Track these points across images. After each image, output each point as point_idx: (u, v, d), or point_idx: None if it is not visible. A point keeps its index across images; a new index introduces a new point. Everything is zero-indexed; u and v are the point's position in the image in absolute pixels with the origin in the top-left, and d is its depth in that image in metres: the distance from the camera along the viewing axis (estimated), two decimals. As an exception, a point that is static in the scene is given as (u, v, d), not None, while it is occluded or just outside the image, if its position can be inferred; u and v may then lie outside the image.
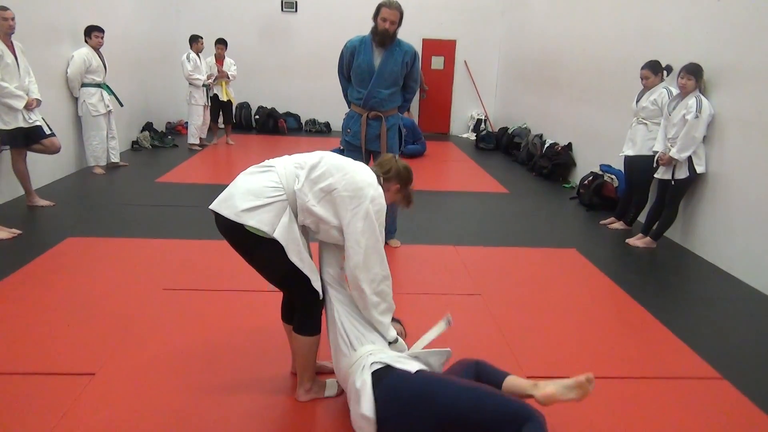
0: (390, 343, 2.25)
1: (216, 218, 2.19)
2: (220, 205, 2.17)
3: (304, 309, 2.28)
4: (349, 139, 4.24)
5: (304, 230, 2.25)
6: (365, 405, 1.96)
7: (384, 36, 3.97)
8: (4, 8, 4.57)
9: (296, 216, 2.17)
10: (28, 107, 4.74)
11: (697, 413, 2.44)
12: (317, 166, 2.20)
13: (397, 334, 2.32)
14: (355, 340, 2.19)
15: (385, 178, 2.36)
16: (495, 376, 2.15)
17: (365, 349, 2.15)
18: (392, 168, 2.40)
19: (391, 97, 4.13)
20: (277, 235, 2.10)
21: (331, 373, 2.49)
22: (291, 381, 2.51)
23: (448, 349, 2.26)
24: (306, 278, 2.18)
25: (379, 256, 2.20)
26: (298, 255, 2.15)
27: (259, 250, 2.17)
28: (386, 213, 2.27)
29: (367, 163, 4.27)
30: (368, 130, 4.14)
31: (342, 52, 4.24)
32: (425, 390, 1.93)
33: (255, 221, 2.09)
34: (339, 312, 2.25)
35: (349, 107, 4.30)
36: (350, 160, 2.31)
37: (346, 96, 4.35)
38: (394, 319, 2.35)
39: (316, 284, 2.21)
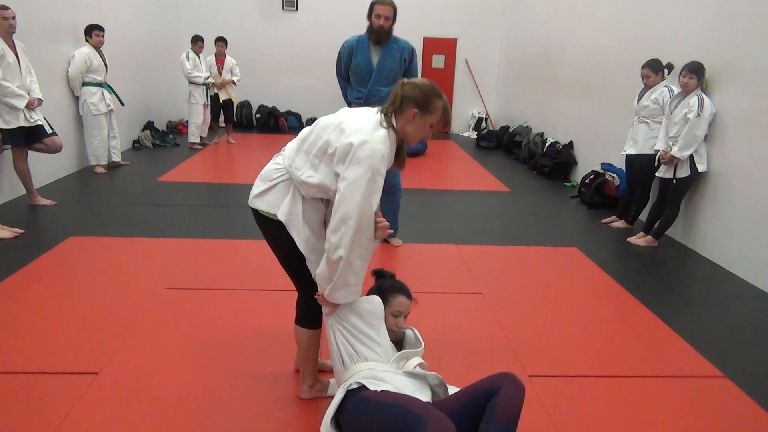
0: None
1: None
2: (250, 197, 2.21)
3: (304, 299, 2.26)
4: None
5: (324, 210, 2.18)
6: (323, 424, 1.95)
7: (379, 33, 3.98)
8: (5, 7, 4.57)
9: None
10: (30, 106, 4.75)
11: (699, 412, 2.44)
12: (311, 133, 2.11)
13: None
14: (347, 357, 2.10)
15: (394, 112, 2.06)
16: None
17: (356, 368, 2.05)
18: (397, 95, 2.06)
19: (390, 95, 4.12)
20: (280, 213, 2.09)
21: (332, 371, 2.49)
22: (294, 379, 2.52)
23: (434, 373, 2.09)
24: (302, 267, 2.15)
25: (356, 222, 1.93)
26: (297, 231, 2.10)
27: (272, 233, 2.17)
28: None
29: None
30: None
31: (339, 52, 4.24)
32: (377, 411, 1.84)
33: (264, 204, 2.13)
34: (333, 328, 2.15)
35: (350, 107, 4.29)
36: (351, 109, 2.18)
37: (345, 96, 4.35)
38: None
39: (310, 265, 2.13)
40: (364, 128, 1.99)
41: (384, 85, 4.07)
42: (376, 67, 4.04)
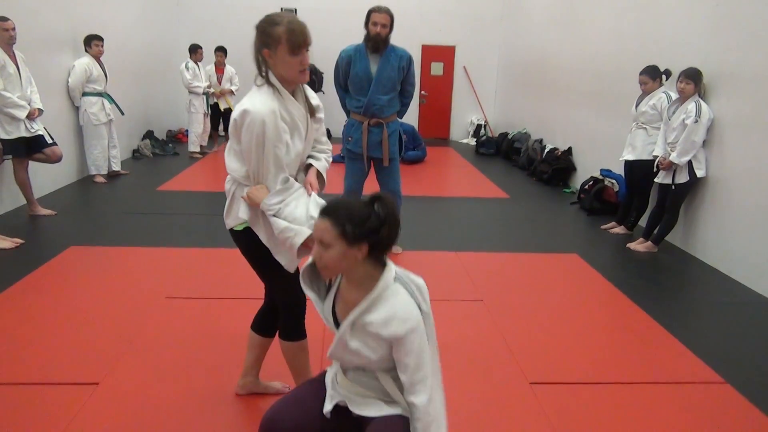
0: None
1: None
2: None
3: (285, 310, 2.20)
4: (350, 147, 4.25)
5: None
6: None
7: (377, 41, 4.00)
8: (5, 19, 4.60)
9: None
10: (31, 117, 4.77)
11: (700, 418, 2.44)
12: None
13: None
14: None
15: (265, 67, 1.99)
16: None
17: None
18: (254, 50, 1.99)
19: (390, 103, 4.15)
20: (242, 213, 2.03)
21: (277, 394, 2.42)
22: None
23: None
24: (284, 280, 2.11)
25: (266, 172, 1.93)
26: (259, 227, 2.03)
27: (248, 246, 2.12)
28: None
29: (368, 171, 4.29)
30: (370, 137, 4.15)
31: (337, 62, 4.25)
32: None
33: (231, 219, 2.11)
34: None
35: (349, 116, 4.31)
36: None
37: (344, 106, 4.37)
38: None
39: (279, 257, 2.04)
40: (244, 100, 1.96)
41: (383, 93, 4.08)
42: (376, 76, 4.05)
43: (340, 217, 1.52)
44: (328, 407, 1.70)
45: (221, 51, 8.57)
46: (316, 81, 9.86)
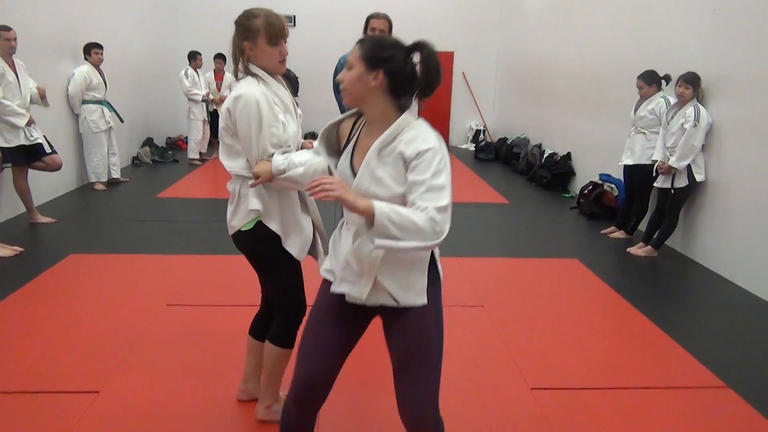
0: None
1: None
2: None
3: (282, 313, 2.18)
4: None
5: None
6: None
7: None
8: (7, 28, 4.61)
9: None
10: (29, 124, 4.77)
11: (701, 423, 2.43)
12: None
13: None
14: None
15: (243, 61, 2.02)
16: None
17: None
18: (231, 46, 2.02)
19: None
20: (253, 204, 2.01)
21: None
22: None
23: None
24: (287, 282, 2.12)
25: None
26: (271, 216, 2.03)
27: (254, 246, 2.10)
28: None
29: None
30: None
31: (336, 68, 4.28)
32: None
33: (238, 219, 2.08)
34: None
35: None
36: None
37: (341, 111, 4.38)
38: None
39: (288, 243, 2.05)
40: (232, 92, 2.00)
41: None
42: None
43: (366, 42, 1.66)
44: (342, 289, 1.66)
45: (221, 58, 8.59)
46: (290, 85, 9.87)
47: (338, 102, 4.42)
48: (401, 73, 1.61)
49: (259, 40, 1.99)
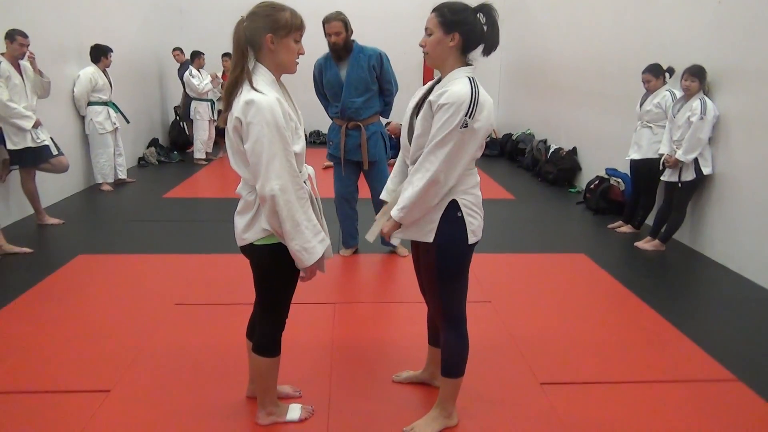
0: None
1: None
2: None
3: (267, 323, 2.17)
4: (332, 151, 4.30)
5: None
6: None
7: (336, 49, 4.04)
8: (24, 35, 4.65)
9: None
10: (36, 126, 4.79)
11: (712, 416, 2.43)
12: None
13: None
14: None
15: (253, 59, 1.89)
16: None
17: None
18: (240, 40, 1.85)
19: (366, 104, 4.14)
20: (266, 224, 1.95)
21: (287, 397, 2.45)
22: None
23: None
24: (280, 297, 2.10)
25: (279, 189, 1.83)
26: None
27: (270, 258, 2.05)
28: None
29: (357, 176, 4.29)
30: (347, 140, 4.17)
31: (313, 73, 4.30)
32: None
33: (252, 234, 2.00)
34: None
35: (333, 122, 4.35)
36: None
37: (328, 113, 4.41)
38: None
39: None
40: (242, 96, 1.83)
41: (357, 96, 4.09)
42: (345, 80, 4.08)
43: (441, 8, 1.95)
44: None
45: (229, 57, 8.61)
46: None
47: (324, 106, 4.43)
48: (473, 32, 1.92)
49: (284, 35, 1.87)
